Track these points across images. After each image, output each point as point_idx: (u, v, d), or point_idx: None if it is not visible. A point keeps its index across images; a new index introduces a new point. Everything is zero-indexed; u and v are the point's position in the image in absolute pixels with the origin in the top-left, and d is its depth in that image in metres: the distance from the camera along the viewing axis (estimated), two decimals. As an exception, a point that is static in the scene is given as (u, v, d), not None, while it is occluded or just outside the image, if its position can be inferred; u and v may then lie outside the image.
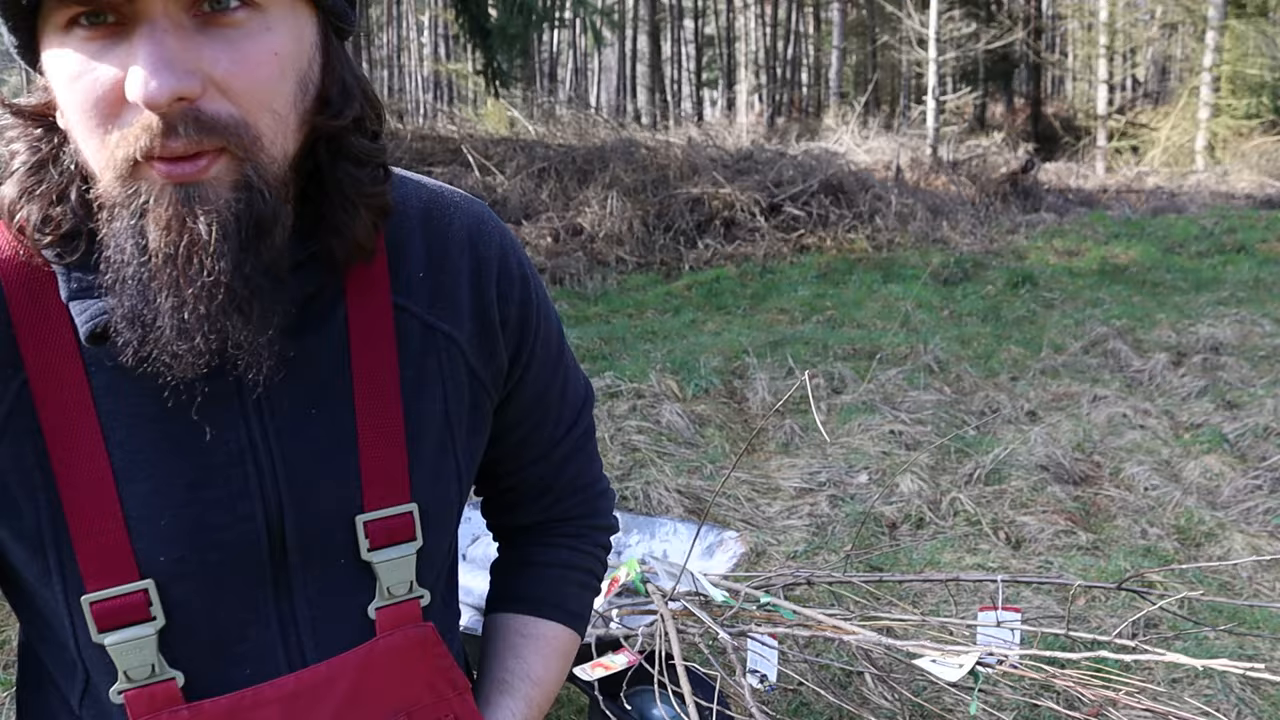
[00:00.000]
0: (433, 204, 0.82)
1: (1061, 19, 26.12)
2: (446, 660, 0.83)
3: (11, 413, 0.69)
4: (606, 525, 0.99)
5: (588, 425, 0.96)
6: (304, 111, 0.68)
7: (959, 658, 1.81)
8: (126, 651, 0.72)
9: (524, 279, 0.85)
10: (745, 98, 25.07)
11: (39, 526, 0.70)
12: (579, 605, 0.97)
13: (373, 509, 0.77)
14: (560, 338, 0.92)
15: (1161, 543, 3.56)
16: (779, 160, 10.79)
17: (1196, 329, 6.34)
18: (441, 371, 0.80)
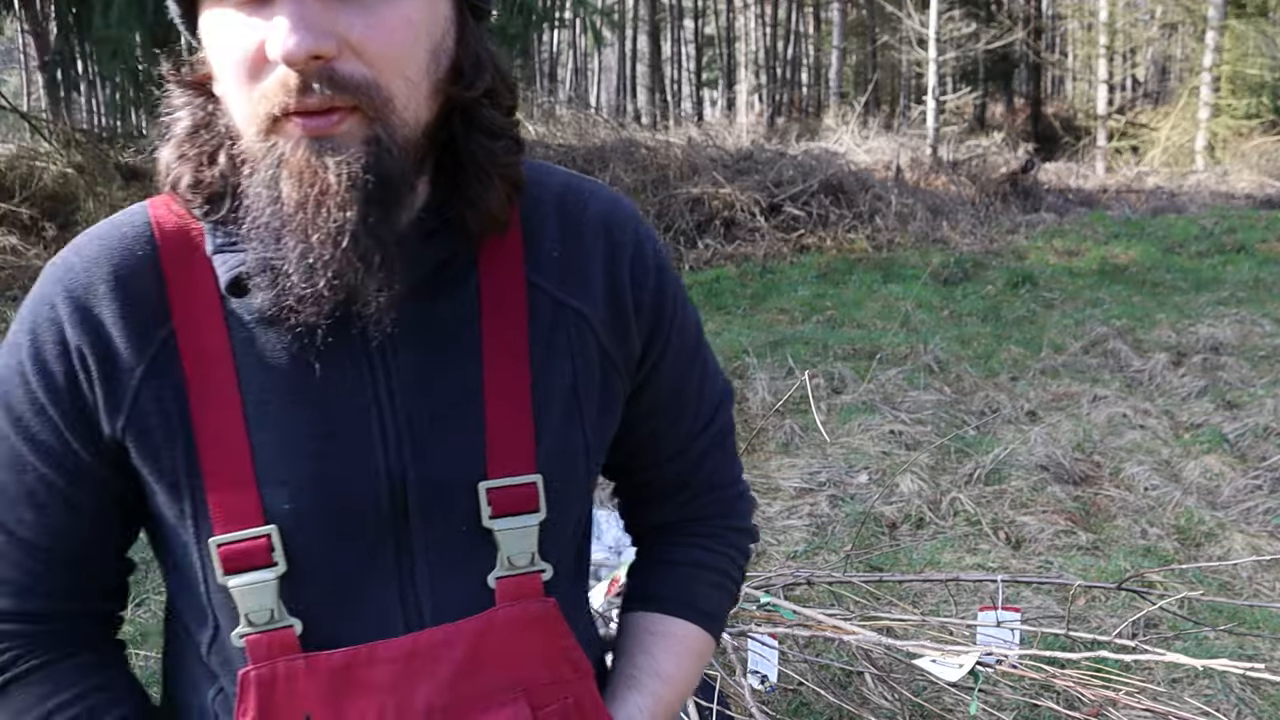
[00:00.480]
0: (569, 189, 0.84)
1: (1061, 19, 26.12)
2: (568, 640, 0.81)
3: (156, 360, 0.74)
4: (744, 528, 0.97)
5: (725, 423, 0.94)
6: (437, 80, 0.71)
7: (959, 658, 1.81)
8: (248, 595, 0.74)
9: (659, 267, 0.86)
10: (745, 98, 25.07)
11: (176, 469, 0.74)
12: (711, 605, 0.94)
13: (496, 476, 0.77)
14: (698, 332, 0.91)
15: (1161, 543, 3.56)
16: (779, 160, 10.78)
17: (1196, 329, 6.34)
18: (571, 346, 0.80)
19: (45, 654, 0.80)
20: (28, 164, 9.39)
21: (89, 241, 0.78)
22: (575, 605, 0.88)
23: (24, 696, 0.79)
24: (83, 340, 0.74)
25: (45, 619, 0.80)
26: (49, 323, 0.75)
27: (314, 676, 0.75)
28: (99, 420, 0.75)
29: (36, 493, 0.76)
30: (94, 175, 9.05)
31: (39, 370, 0.74)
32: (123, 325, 0.74)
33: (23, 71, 23.34)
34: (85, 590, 0.81)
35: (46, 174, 9.33)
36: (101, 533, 0.80)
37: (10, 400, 0.76)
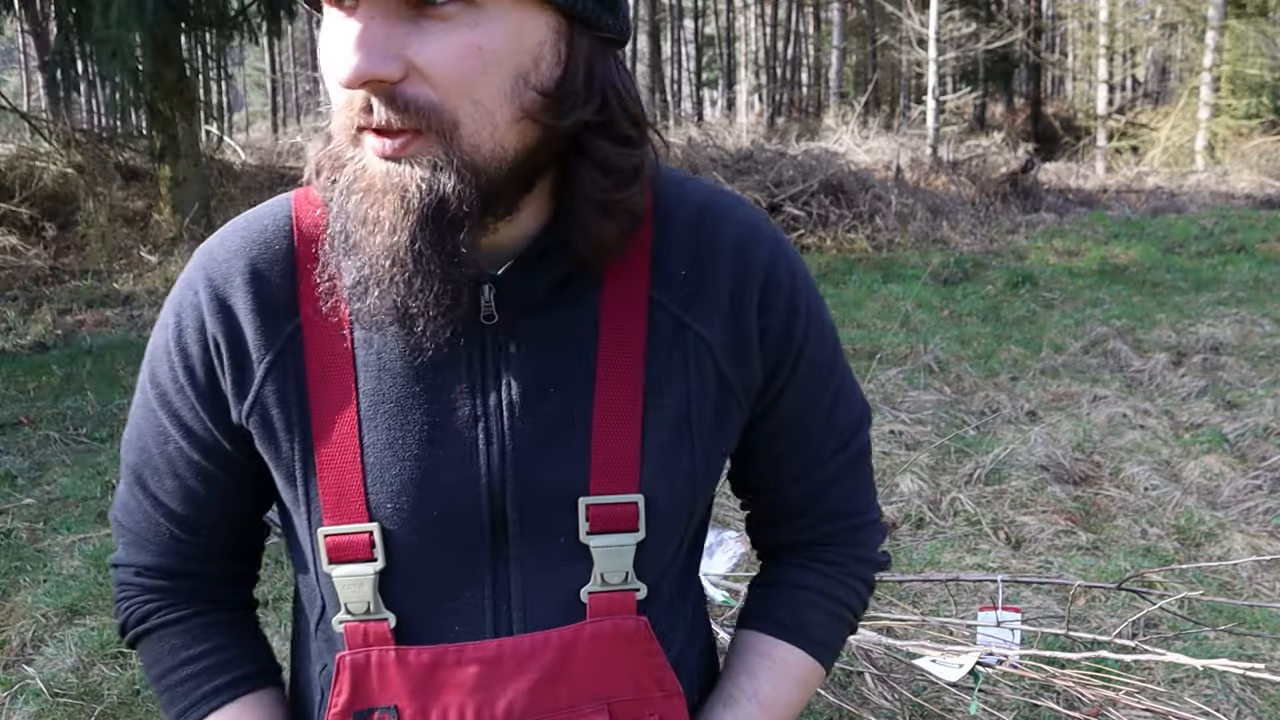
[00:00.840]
0: (708, 206, 0.83)
1: (1061, 19, 26.11)
2: (658, 659, 0.81)
3: (282, 353, 0.78)
4: (870, 559, 0.94)
5: (858, 451, 0.91)
6: (524, 107, 0.69)
7: (959, 658, 1.81)
8: (348, 585, 0.78)
9: (793, 291, 0.83)
10: (745, 98, 25.07)
11: (292, 459, 0.78)
12: (826, 634, 0.91)
13: (598, 493, 0.78)
14: (835, 358, 0.88)
15: (1161, 543, 3.56)
16: (779, 160, 10.79)
17: (1196, 329, 6.34)
18: (688, 369, 0.80)
19: (182, 609, 0.87)
20: (28, 164, 9.39)
21: (233, 231, 0.81)
22: (674, 625, 0.87)
23: (159, 646, 0.87)
24: (218, 328, 0.79)
25: (183, 577, 0.87)
26: (191, 307, 0.80)
27: (404, 669, 0.78)
28: (228, 405, 0.80)
29: (176, 463, 0.83)
30: (94, 175, 9.05)
31: (180, 351, 0.80)
32: (254, 317, 0.78)
33: (23, 72, 23.33)
34: (220, 554, 0.87)
35: (46, 174, 9.32)
36: (234, 503, 0.85)
37: (158, 376, 0.82)
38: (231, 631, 0.89)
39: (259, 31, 9.42)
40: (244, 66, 29.77)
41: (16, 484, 4.31)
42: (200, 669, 0.86)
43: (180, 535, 0.85)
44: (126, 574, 0.88)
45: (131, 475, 0.86)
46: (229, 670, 0.86)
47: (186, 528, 0.85)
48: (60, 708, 2.69)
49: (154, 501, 0.84)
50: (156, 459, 0.84)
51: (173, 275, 8.10)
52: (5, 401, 5.44)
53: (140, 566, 0.87)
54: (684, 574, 0.89)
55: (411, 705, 0.78)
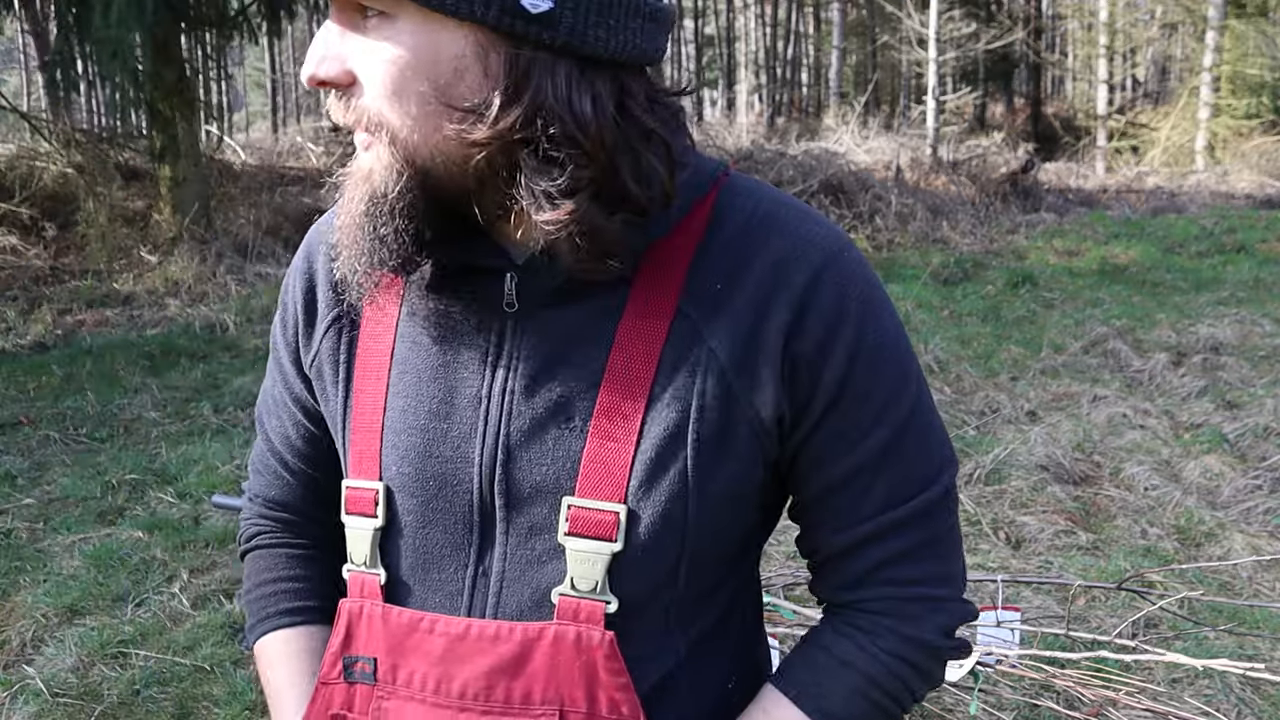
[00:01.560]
0: (764, 217, 0.79)
1: (1061, 19, 26.11)
2: (620, 678, 0.78)
3: (340, 316, 0.87)
4: (915, 637, 0.81)
5: (922, 511, 0.80)
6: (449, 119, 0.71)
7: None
8: (356, 537, 0.85)
9: (839, 315, 0.76)
10: (745, 97, 25.07)
11: (336, 412, 0.87)
12: (842, 710, 0.81)
13: (583, 496, 0.77)
14: (896, 399, 0.79)
15: (1161, 543, 3.56)
16: (779, 160, 10.79)
17: (1196, 329, 6.34)
18: (693, 384, 0.77)
19: (279, 537, 0.98)
20: (28, 164, 9.38)
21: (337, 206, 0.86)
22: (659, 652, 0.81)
23: (254, 564, 0.98)
24: (301, 288, 0.90)
25: (285, 509, 0.98)
26: (293, 270, 0.92)
27: (385, 626, 0.83)
28: (301, 356, 0.91)
29: (279, 405, 0.95)
30: (94, 175, 9.04)
31: (283, 306, 0.93)
32: (327, 280, 0.88)
33: (23, 72, 23.33)
34: (313, 496, 0.96)
35: (46, 174, 9.32)
36: (319, 452, 0.94)
37: (274, 327, 0.95)
38: (312, 567, 0.98)
39: (259, 31, 9.41)
40: (244, 66, 29.77)
41: (16, 484, 4.31)
42: (276, 591, 0.96)
43: (282, 473, 0.96)
44: (248, 500, 1.00)
45: (258, 413, 0.99)
46: (299, 599, 0.96)
47: (286, 467, 0.96)
48: (60, 707, 2.69)
49: (266, 438, 0.97)
50: (270, 400, 0.96)
51: (173, 275, 8.10)
52: (5, 401, 5.44)
53: (255, 494, 0.99)
54: (694, 606, 0.83)
55: (386, 662, 0.83)
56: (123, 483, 4.26)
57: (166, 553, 3.60)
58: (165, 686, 2.79)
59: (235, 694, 2.72)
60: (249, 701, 2.69)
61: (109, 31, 7.54)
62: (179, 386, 5.71)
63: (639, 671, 0.79)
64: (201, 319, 6.96)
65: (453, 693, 0.80)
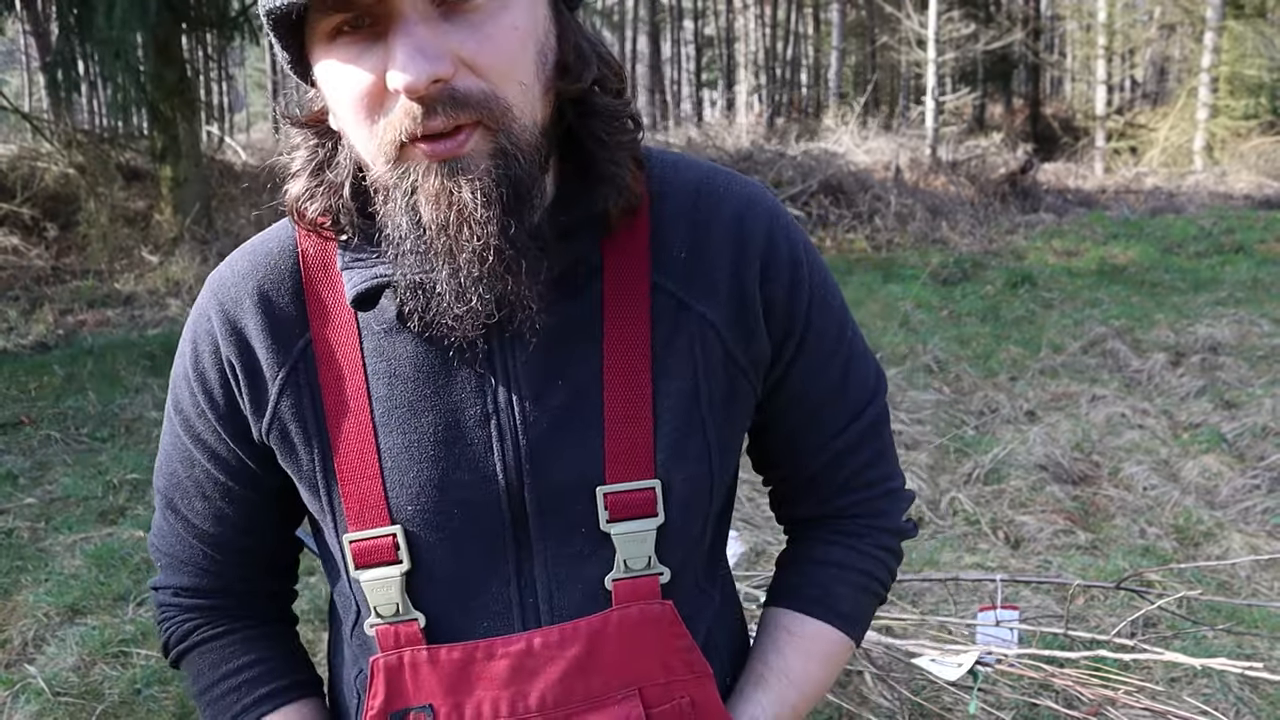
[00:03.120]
0: (703, 185, 0.83)
1: (1060, 20, 26.12)
2: (684, 640, 0.82)
3: (295, 368, 0.80)
4: (893, 528, 0.92)
5: (874, 420, 0.90)
6: (546, 80, 0.73)
7: (958, 657, 1.82)
8: (376, 589, 0.80)
9: (794, 263, 0.83)
10: (745, 98, 25.06)
11: (313, 469, 0.81)
12: (852, 607, 0.91)
13: (614, 481, 0.78)
14: (842, 327, 0.88)
15: (1160, 542, 3.57)
16: (778, 160, 10.80)
17: (1195, 329, 6.35)
18: (694, 351, 0.80)
19: (220, 626, 0.90)
20: (29, 165, 9.39)
21: (240, 257, 0.84)
22: (701, 608, 0.87)
23: (201, 662, 0.90)
24: (232, 351, 0.81)
25: (220, 594, 0.90)
26: (206, 334, 0.83)
27: (436, 668, 0.80)
28: (249, 424, 0.82)
29: (203, 485, 0.86)
30: (95, 176, 9.05)
31: (199, 377, 0.83)
32: (265, 337, 0.80)
33: (24, 72, 23.32)
34: (254, 571, 0.90)
35: (48, 175, 9.33)
36: (263, 521, 0.88)
37: (180, 403, 0.85)
38: (270, 644, 0.91)
39: (259, 32, 9.42)
40: (245, 67, 29.76)
41: (18, 483, 4.32)
42: (241, 681, 0.88)
43: (213, 555, 0.88)
44: (166, 595, 0.91)
45: (163, 500, 0.89)
46: (269, 681, 0.89)
47: (219, 548, 0.87)
48: (61, 707, 2.70)
49: (185, 524, 0.88)
50: (185, 482, 0.87)
51: (174, 275, 8.10)
52: (7, 401, 5.45)
53: (178, 587, 0.90)
54: (709, 557, 0.89)
55: (446, 703, 0.79)
56: (124, 482, 4.27)
57: (168, 552, 3.61)
58: (166, 686, 2.80)
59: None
60: (251, 700, 2.70)
61: (110, 32, 7.55)
62: (180, 387, 5.72)
63: (692, 630, 0.83)
64: (202, 319, 6.96)
65: (531, 708, 0.79)
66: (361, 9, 0.67)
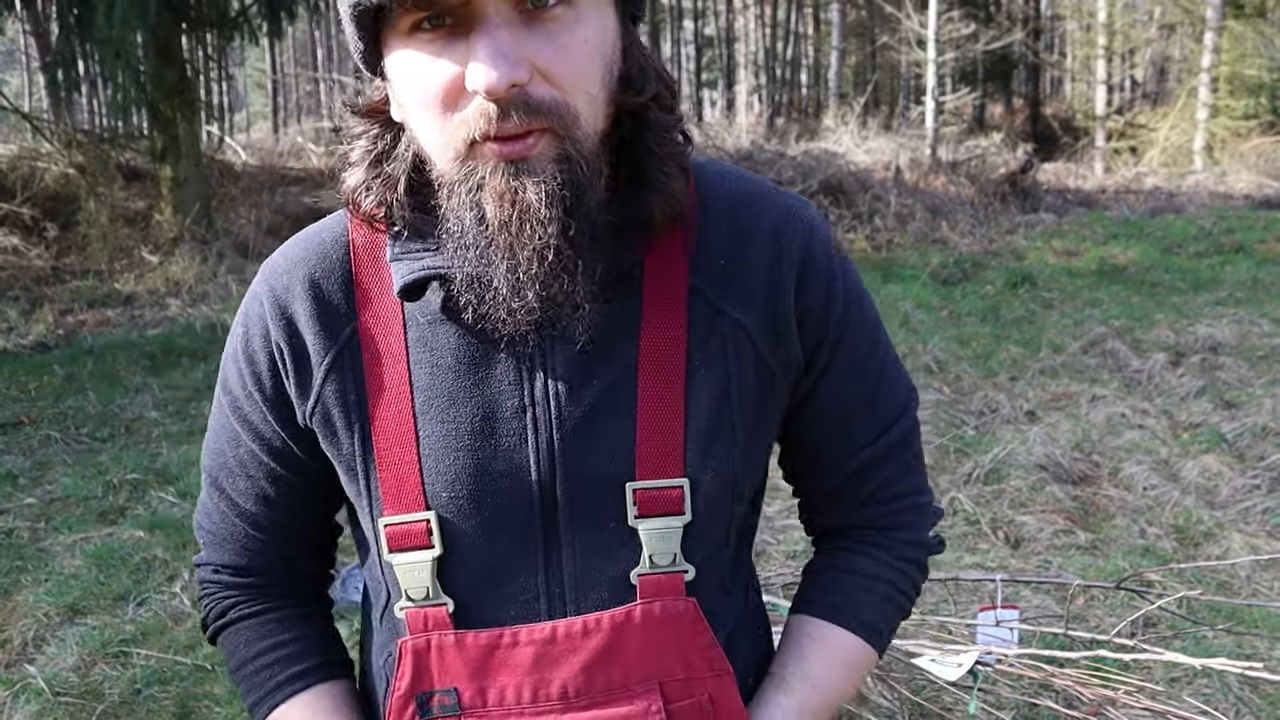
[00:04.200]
0: (746, 196, 0.86)
1: (1060, 20, 26.12)
2: (706, 639, 0.83)
3: (341, 353, 0.83)
4: (920, 541, 0.94)
5: (904, 434, 0.91)
6: (610, 91, 0.76)
7: (958, 657, 1.82)
8: (408, 572, 0.82)
9: (830, 275, 0.85)
10: (745, 98, 25.06)
11: (353, 453, 0.83)
12: (875, 617, 0.92)
13: (644, 478, 0.80)
14: (875, 340, 0.89)
15: (1160, 542, 3.57)
16: (779, 161, 10.80)
17: (1195, 329, 6.35)
18: (727, 354, 0.82)
19: (258, 604, 0.92)
20: (29, 164, 9.39)
21: (294, 245, 0.87)
22: (725, 608, 0.89)
23: (237, 639, 0.92)
24: (281, 336, 0.84)
25: (259, 574, 0.92)
26: (257, 318, 0.86)
27: (462, 652, 0.82)
28: (294, 408, 0.85)
29: (248, 464, 0.88)
30: (95, 176, 9.04)
31: (248, 359, 0.86)
32: (313, 323, 0.83)
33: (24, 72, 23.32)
34: (294, 552, 0.93)
35: (48, 175, 9.32)
36: (304, 503, 0.90)
37: (229, 382, 0.88)
38: (305, 625, 0.93)
39: (259, 32, 9.42)
40: (245, 67, 29.76)
41: (18, 483, 4.32)
42: (274, 659, 0.91)
43: (254, 534, 0.90)
44: (207, 572, 0.93)
45: (209, 478, 0.91)
46: (301, 661, 0.91)
47: (260, 527, 0.90)
48: (61, 707, 2.70)
49: (229, 502, 0.90)
50: (231, 462, 0.89)
51: (174, 275, 8.10)
52: (7, 401, 5.45)
53: (219, 565, 0.92)
54: (735, 560, 0.90)
55: (470, 687, 0.82)
56: (124, 482, 4.27)
57: (168, 552, 3.61)
58: (166, 685, 2.80)
59: (236, 693, 2.73)
60: (251, 700, 2.70)
61: (110, 32, 7.55)
62: (180, 386, 5.72)
63: (714, 628, 0.84)
64: (202, 319, 6.97)
65: (553, 696, 0.81)
66: (446, 8, 0.69)
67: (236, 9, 9.19)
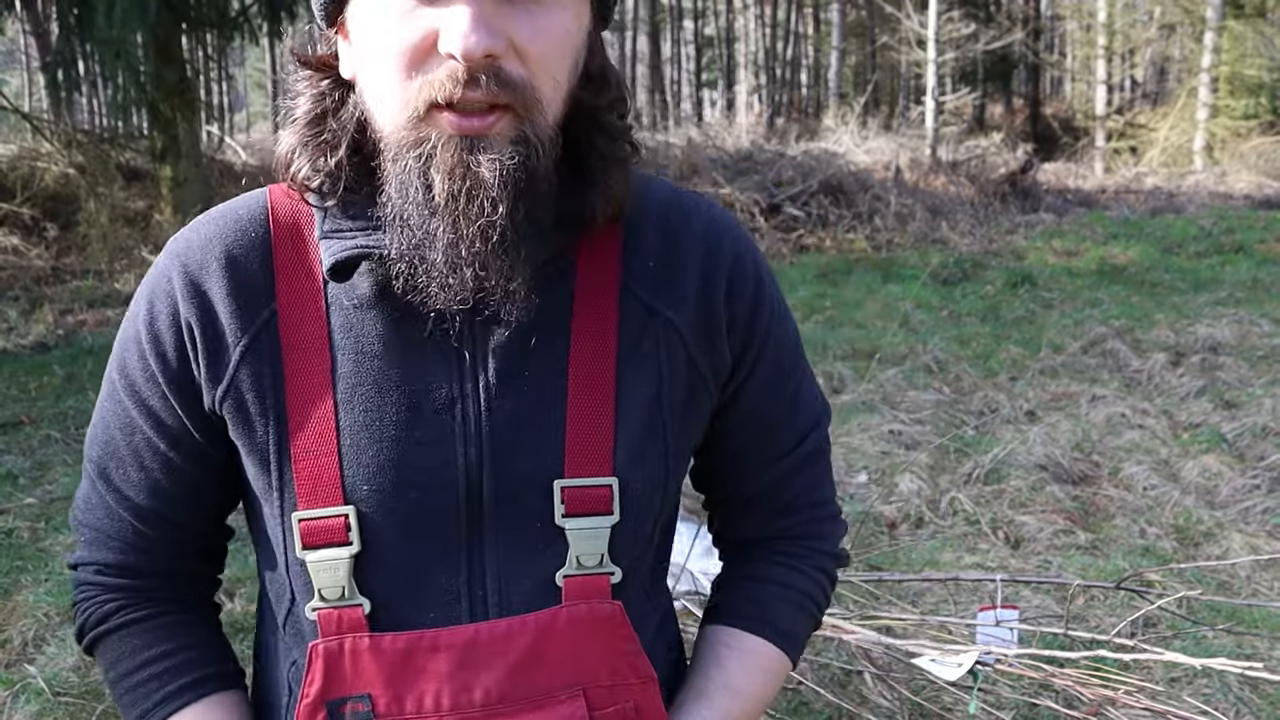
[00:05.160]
0: (674, 202, 0.86)
1: (1060, 20, 26.12)
2: (632, 645, 0.81)
3: (258, 337, 0.78)
4: (831, 551, 0.94)
5: (817, 445, 0.92)
6: (572, 85, 0.76)
7: (958, 657, 1.82)
8: (322, 570, 0.78)
9: (758, 282, 0.86)
10: (745, 98, 25.06)
11: (267, 444, 0.78)
12: (791, 625, 0.92)
13: (573, 476, 0.78)
14: (795, 350, 0.90)
15: (1160, 542, 3.57)
16: (778, 160, 10.80)
17: (1195, 329, 6.35)
18: (659, 354, 0.82)
19: (142, 609, 0.85)
20: (29, 164, 9.38)
21: (208, 221, 0.82)
22: (646, 615, 0.87)
23: (120, 647, 0.85)
24: (192, 314, 0.78)
25: (145, 575, 0.86)
26: (164, 295, 0.80)
27: (377, 656, 0.77)
28: (201, 391, 0.80)
29: (142, 454, 0.82)
30: (95, 176, 9.04)
31: (152, 339, 0.80)
32: (229, 303, 0.78)
33: (24, 72, 23.33)
34: (183, 551, 0.87)
35: (48, 174, 9.33)
36: (200, 498, 0.85)
37: (126, 365, 0.82)
38: (193, 632, 0.87)
39: (259, 32, 9.42)
40: (245, 67, 29.76)
41: (18, 483, 4.32)
42: (161, 670, 0.84)
43: (143, 530, 0.84)
44: (87, 573, 0.86)
45: (95, 469, 0.85)
46: (190, 671, 0.85)
47: (148, 522, 0.83)
48: (61, 706, 2.70)
49: (117, 495, 0.84)
50: (122, 450, 0.83)
51: (173, 275, 8.11)
52: (7, 401, 5.45)
53: (101, 564, 0.85)
54: (655, 566, 0.90)
55: (386, 693, 0.77)
56: (124, 483, 4.27)
57: (168, 552, 3.61)
58: (167, 685, 2.80)
59: (237, 693, 2.73)
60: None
61: (111, 32, 7.55)
62: (180, 387, 5.72)
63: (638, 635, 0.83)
64: (202, 319, 6.96)
65: (475, 702, 0.77)
66: None
67: (236, 9, 9.19)
